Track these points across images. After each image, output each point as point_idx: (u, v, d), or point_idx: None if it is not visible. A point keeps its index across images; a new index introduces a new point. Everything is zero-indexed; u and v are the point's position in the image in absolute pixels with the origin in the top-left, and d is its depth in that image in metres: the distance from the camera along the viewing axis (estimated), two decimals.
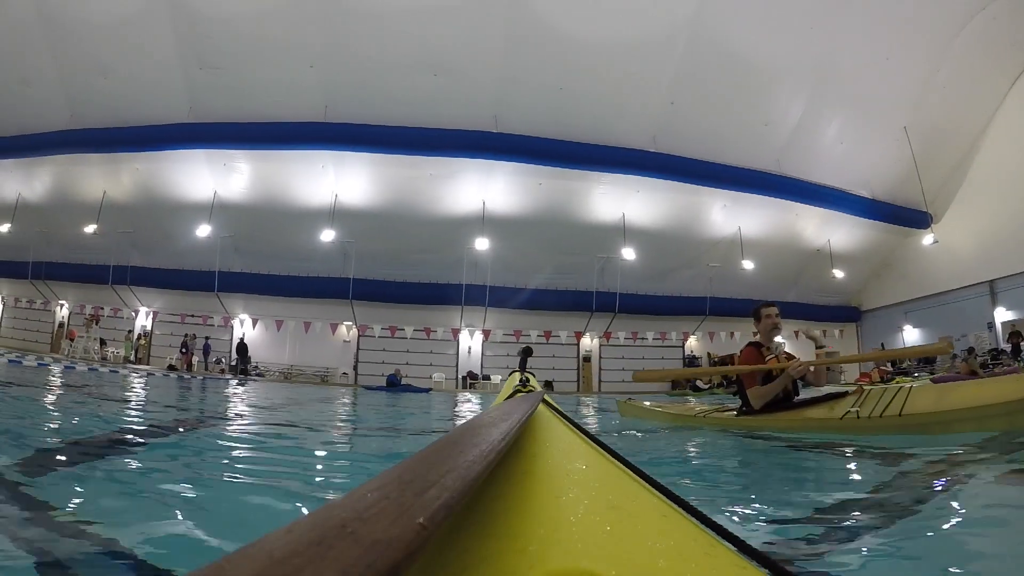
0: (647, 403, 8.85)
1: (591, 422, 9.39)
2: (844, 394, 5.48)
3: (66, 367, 20.05)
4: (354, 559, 0.36)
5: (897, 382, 23.85)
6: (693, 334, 31.70)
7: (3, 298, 31.48)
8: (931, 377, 23.35)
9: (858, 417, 5.02)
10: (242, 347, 28.80)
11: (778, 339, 6.25)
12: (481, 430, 0.98)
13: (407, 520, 0.43)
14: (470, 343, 30.77)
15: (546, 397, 1.99)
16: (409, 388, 24.48)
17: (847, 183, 27.97)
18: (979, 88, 25.62)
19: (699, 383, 28.35)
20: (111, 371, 20.81)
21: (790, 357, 5.92)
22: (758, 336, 6.23)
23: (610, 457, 1.15)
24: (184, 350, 28.37)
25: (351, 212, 26.32)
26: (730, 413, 6.49)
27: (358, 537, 0.39)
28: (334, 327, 29.68)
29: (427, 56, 22.34)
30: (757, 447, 5.09)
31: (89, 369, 20.38)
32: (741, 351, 6.19)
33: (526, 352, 3.78)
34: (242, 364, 28.14)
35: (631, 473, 1.05)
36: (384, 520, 0.43)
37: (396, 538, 0.40)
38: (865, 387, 5.57)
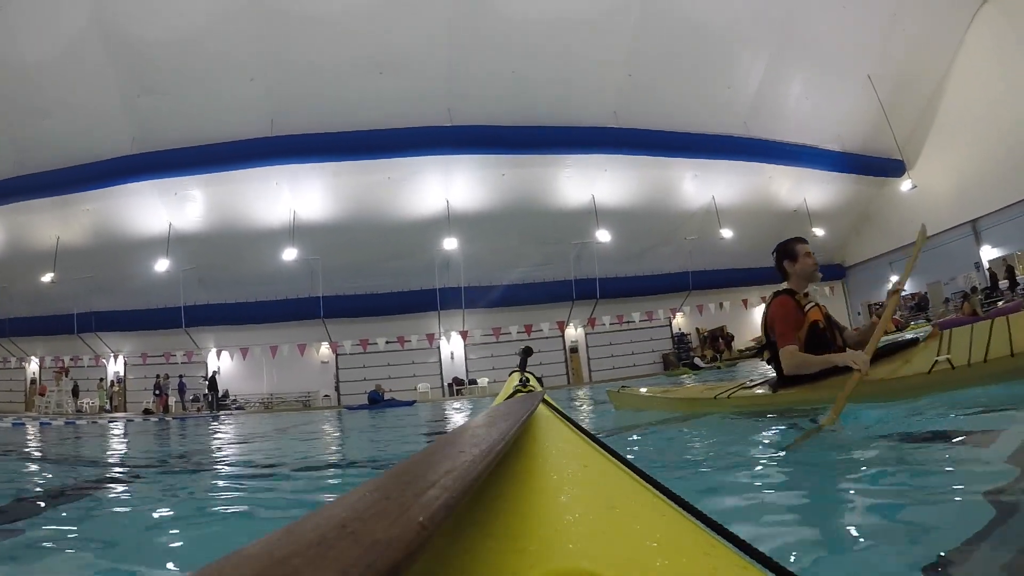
0: (643, 390, 7.07)
1: (582, 421, 7.72)
2: (913, 342, 4.19)
3: (15, 423, 18.52)
4: (354, 559, 0.35)
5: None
6: (680, 310, 29.97)
7: None
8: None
9: (953, 367, 3.52)
10: (212, 381, 27.22)
11: (813, 286, 4.49)
12: (481, 430, 0.99)
13: (407, 520, 0.43)
14: (452, 348, 29.01)
15: (546, 397, 1.84)
16: (392, 403, 22.74)
17: (817, 139, 26.71)
18: (939, 28, 24.42)
19: (697, 360, 26.78)
20: (79, 423, 19.16)
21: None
22: (788, 283, 4.44)
23: (610, 457, 1.09)
24: (157, 392, 26.47)
25: (312, 228, 24.67)
26: (755, 390, 4.67)
27: (358, 537, 0.39)
28: (306, 349, 27.79)
29: (370, 55, 20.88)
30: (829, 443, 3.22)
31: (67, 423, 18.84)
32: (769, 305, 4.41)
33: (526, 352, 3.43)
34: (214, 399, 26.56)
35: (631, 473, 0.98)
36: (384, 520, 0.43)
37: (396, 538, 0.39)
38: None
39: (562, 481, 0.88)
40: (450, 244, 24.82)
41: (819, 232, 29.00)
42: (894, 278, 28.88)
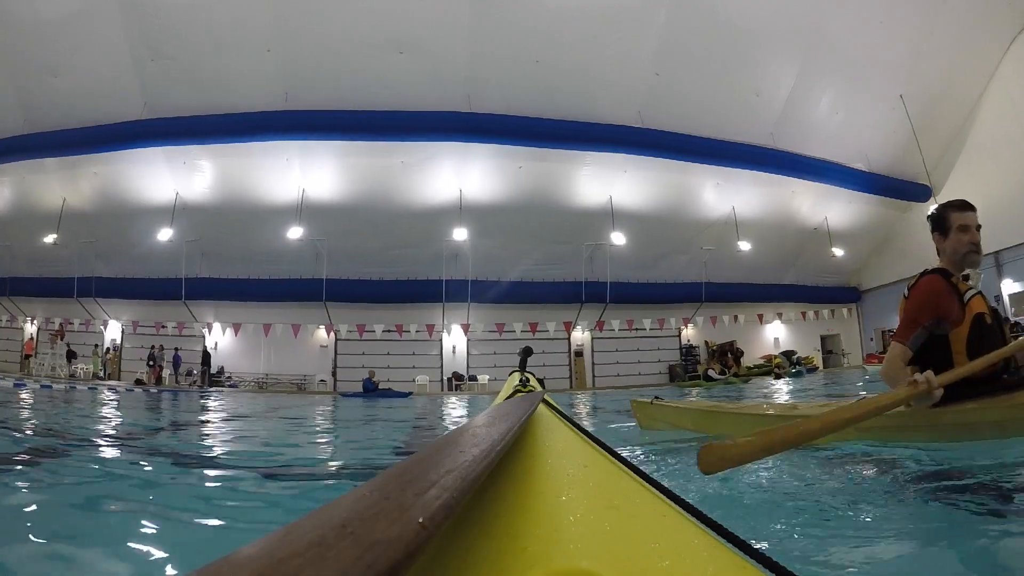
0: (683, 403, 5.75)
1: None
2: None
3: (15, 384, 18.05)
4: (354, 559, 0.35)
5: None
6: (692, 321, 28.72)
7: None
8: None
9: None
10: (205, 356, 26.37)
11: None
12: (481, 430, 0.96)
13: (407, 520, 0.42)
14: (454, 342, 27.82)
15: (546, 397, 1.80)
16: (387, 393, 21.63)
17: (843, 156, 25.54)
18: (974, 51, 23.37)
19: (711, 372, 25.55)
20: (68, 388, 18.62)
21: None
22: (941, 261, 3.27)
23: (610, 457, 1.07)
24: (151, 363, 25.47)
25: (320, 207, 23.59)
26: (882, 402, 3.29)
27: (358, 537, 0.38)
28: (305, 331, 26.57)
29: (391, 33, 19.85)
30: None
31: (41, 387, 18.19)
32: (912, 287, 3.22)
33: (526, 352, 3.23)
34: (206, 374, 25.72)
35: (631, 473, 0.97)
36: (384, 520, 0.42)
37: (396, 538, 0.38)
38: None
39: (562, 481, 0.86)
40: (460, 235, 23.72)
41: (839, 252, 27.82)
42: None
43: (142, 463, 4.67)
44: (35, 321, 28.00)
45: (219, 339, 27.64)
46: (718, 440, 1.68)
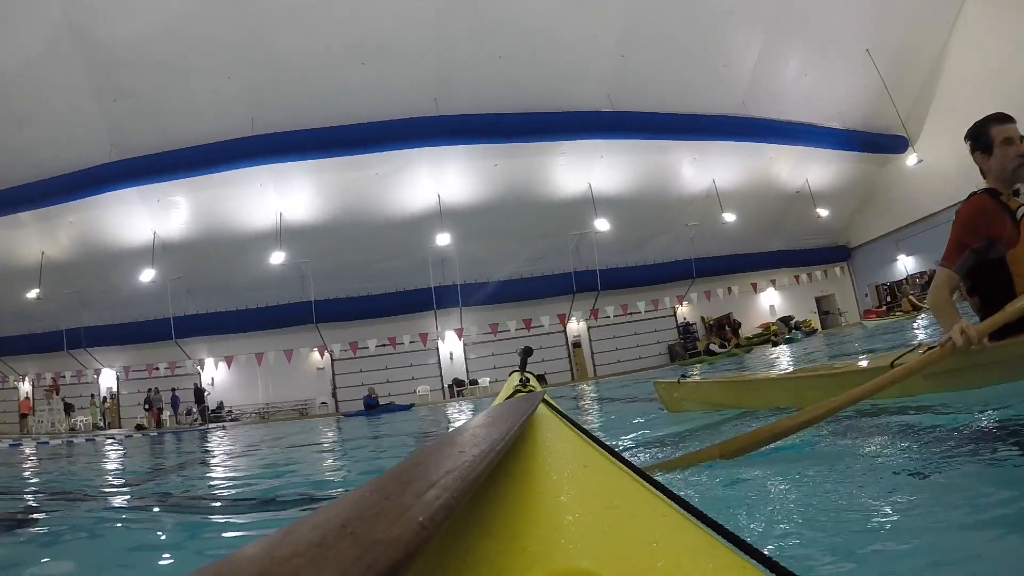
0: (710, 379, 5.33)
1: (607, 430, 5.82)
2: None
3: (11, 445, 17.65)
4: (354, 559, 0.35)
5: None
6: (686, 298, 28.45)
7: None
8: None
9: None
10: (198, 393, 25.90)
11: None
12: (481, 430, 0.97)
13: (407, 520, 0.42)
14: (451, 349, 27.39)
15: (546, 397, 1.76)
16: (390, 408, 21.32)
17: (817, 117, 25.41)
18: None
19: (713, 346, 25.30)
20: (65, 443, 18.16)
21: None
22: (987, 181, 3.00)
23: (610, 457, 1.06)
24: (148, 406, 25.04)
25: (300, 229, 23.24)
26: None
27: (358, 537, 0.38)
28: (300, 355, 26.20)
29: (352, 44, 19.49)
30: None
31: (38, 444, 18.03)
32: (961, 210, 2.92)
33: (526, 352, 3.09)
34: (203, 411, 25.34)
35: (631, 473, 0.96)
36: (384, 520, 0.42)
37: (396, 538, 0.38)
38: None
39: (562, 481, 0.86)
40: (443, 240, 23.30)
41: (823, 212, 27.67)
42: (901, 256, 27.82)
43: (154, 508, 4.54)
44: (28, 379, 27.53)
45: (214, 374, 27.13)
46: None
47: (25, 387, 27.67)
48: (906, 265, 28.73)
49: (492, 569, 0.57)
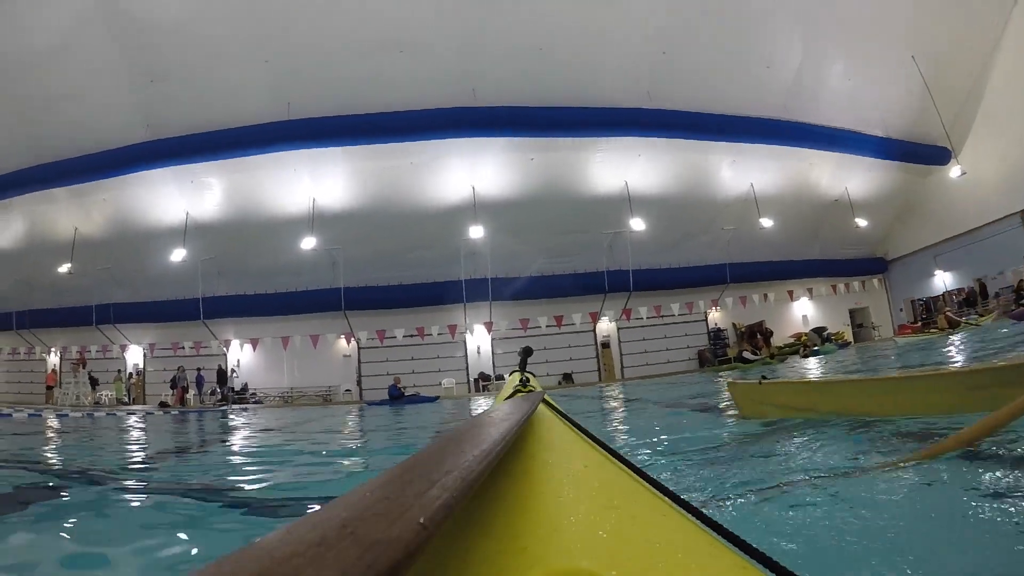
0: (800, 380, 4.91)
1: (668, 436, 5.32)
2: None
3: (30, 415, 18.20)
4: (354, 559, 0.35)
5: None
6: (719, 303, 27.93)
7: None
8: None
9: None
10: (220, 374, 26.03)
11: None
12: (481, 430, 0.96)
13: (407, 520, 0.42)
14: (478, 343, 27.09)
15: (546, 396, 1.79)
16: (415, 399, 21.06)
17: (860, 123, 24.60)
18: (983, 4, 22.37)
19: (747, 354, 24.74)
20: (85, 416, 18.27)
21: None
22: None
23: (610, 457, 1.07)
24: (174, 385, 25.12)
25: (332, 216, 23.10)
26: None
27: (358, 537, 0.38)
28: (325, 341, 25.99)
29: (389, 32, 19.25)
30: None
31: (57, 415, 18.12)
32: None
33: (526, 352, 2.98)
34: (226, 392, 25.41)
35: (631, 473, 0.97)
36: (384, 520, 0.42)
37: (396, 538, 0.39)
38: None
39: (562, 481, 0.86)
40: (476, 232, 23.00)
41: (862, 222, 26.95)
42: (938, 272, 27.10)
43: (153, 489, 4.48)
44: (55, 351, 27.83)
45: (239, 356, 27.18)
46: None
47: (52, 359, 27.96)
48: (944, 280, 27.83)
49: (492, 569, 0.57)
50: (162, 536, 2.95)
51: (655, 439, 5.17)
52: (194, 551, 2.69)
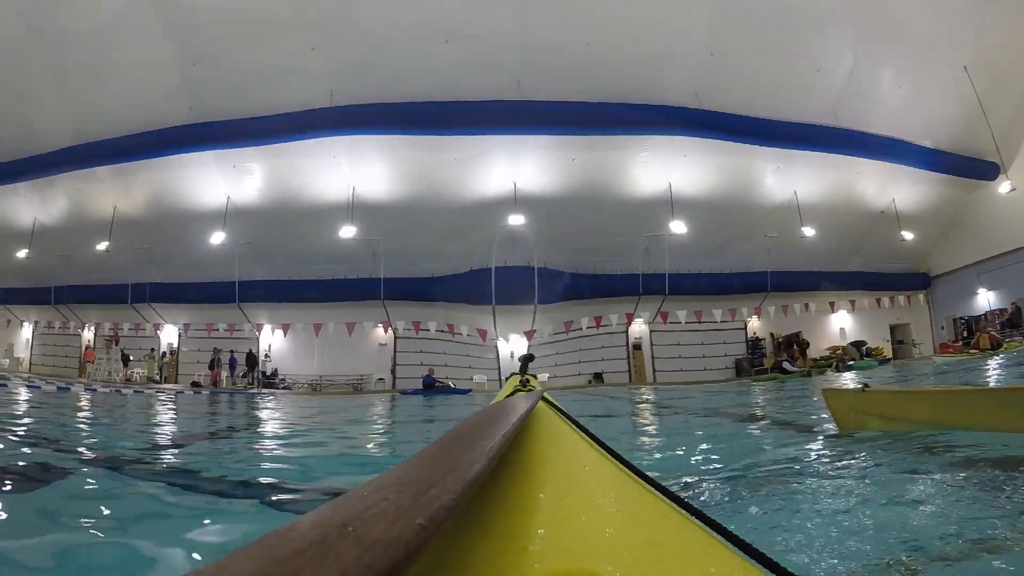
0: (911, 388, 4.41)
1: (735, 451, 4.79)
2: None
3: (59, 388, 18.40)
4: (354, 559, 0.35)
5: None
6: (760, 311, 27.41)
7: (33, 324, 29.15)
8: None
9: None
10: (251, 358, 26.16)
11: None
12: (480, 429, 0.96)
13: (407, 520, 0.42)
14: (512, 348, 26.26)
15: (546, 395, 1.74)
16: (449, 390, 20.94)
17: (909, 133, 23.83)
18: None
19: (786, 364, 24.22)
20: (100, 391, 18.77)
21: None
22: None
23: (610, 457, 1.07)
24: (212, 366, 25.48)
25: (372, 206, 23.08)
26: None
27: (358, 537, 0.38)
28: (360, 329, 25.93)
29: (436, 22, 19.12)
30: None
31: (86, 389, 18.64)
32: None
33: (527, 359, 2.98)
34: (255, 375, 25.59)
35: (631, 473, 0.97)
36: (384, 520, 0.42)
37: (396, 538, 0.39)
38: None
39: (562, 481, 0.86)
40: (516, 219, 22.74)
41: (908, 236, 26.25)
42: (982, 290, 26.38)
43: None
44: (89, 327, 28.20)
45: (271, 341, 27.29)
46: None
47: (87, 335, 28.30)
48: (988, 299, 26.96)
49: (492, 569, 0.57)
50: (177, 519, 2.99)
51: (760, 469, 4.10)
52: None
